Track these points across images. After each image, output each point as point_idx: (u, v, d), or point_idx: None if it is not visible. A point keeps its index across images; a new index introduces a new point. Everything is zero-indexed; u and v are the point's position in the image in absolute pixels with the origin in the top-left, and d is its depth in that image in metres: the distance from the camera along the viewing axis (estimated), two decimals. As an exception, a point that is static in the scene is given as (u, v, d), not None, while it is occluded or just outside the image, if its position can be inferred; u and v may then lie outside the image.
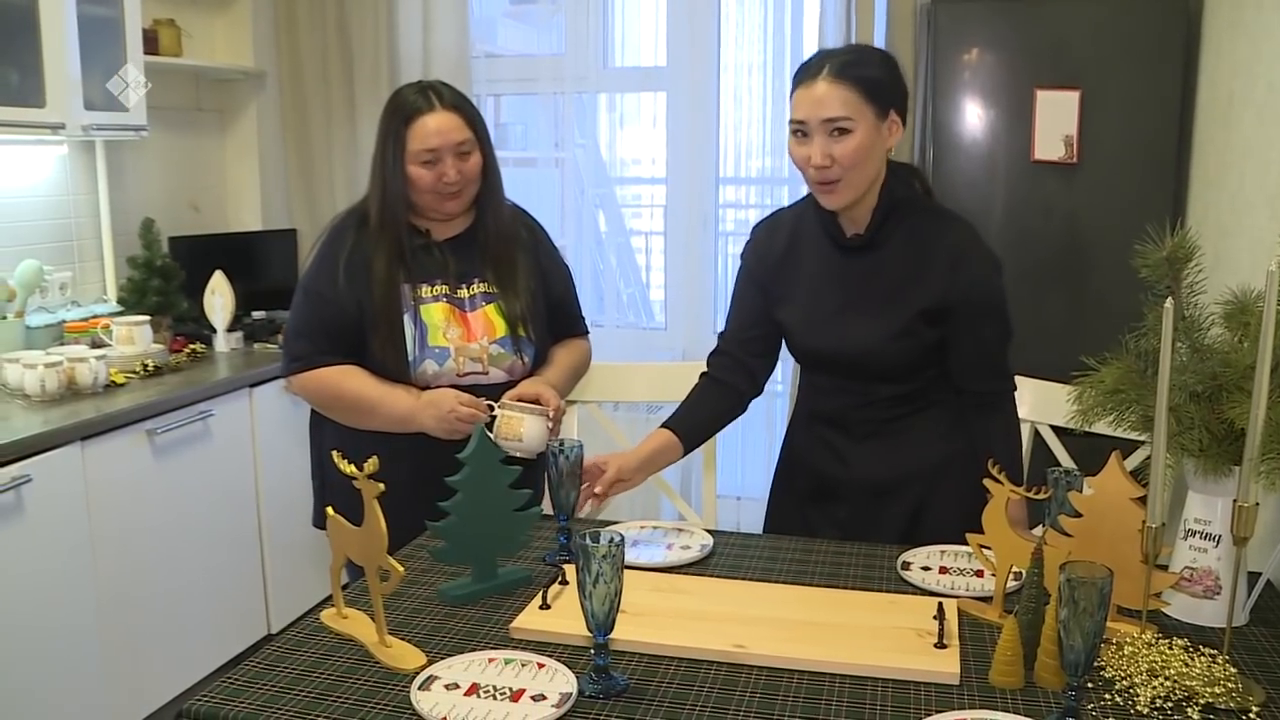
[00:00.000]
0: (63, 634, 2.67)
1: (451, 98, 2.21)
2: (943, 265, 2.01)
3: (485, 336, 2.23)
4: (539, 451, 2.11)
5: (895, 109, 1.98)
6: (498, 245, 2.28)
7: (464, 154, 2.20)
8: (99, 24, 3.14)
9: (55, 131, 3.02)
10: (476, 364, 2.21)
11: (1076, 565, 1.35)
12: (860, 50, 2.06)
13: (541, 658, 1.56)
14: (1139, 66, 3.20)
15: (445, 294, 2.24)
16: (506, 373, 2.24)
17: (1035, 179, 3.31)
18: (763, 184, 4.08)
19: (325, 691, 1.51)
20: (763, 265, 2.20)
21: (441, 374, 2.19)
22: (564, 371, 2.35)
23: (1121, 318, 1.82)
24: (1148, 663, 1.46)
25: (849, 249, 2.08)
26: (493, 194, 2.28)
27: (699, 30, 3.87)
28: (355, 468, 1.58)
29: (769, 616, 1.70)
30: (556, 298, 2.38)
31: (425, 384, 2.19)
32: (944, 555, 1.98)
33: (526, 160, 4.61)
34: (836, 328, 2.08)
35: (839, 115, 1.93)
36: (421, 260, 2.24)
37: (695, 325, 4.02)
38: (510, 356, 2.24)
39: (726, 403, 2.24)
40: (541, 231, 2.42)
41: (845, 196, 2.00)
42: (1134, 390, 1.71)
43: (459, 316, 2.23)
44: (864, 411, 2.13)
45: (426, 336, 2.20)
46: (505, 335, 2.24)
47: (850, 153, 1.94)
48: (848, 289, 2.08)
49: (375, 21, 3.99)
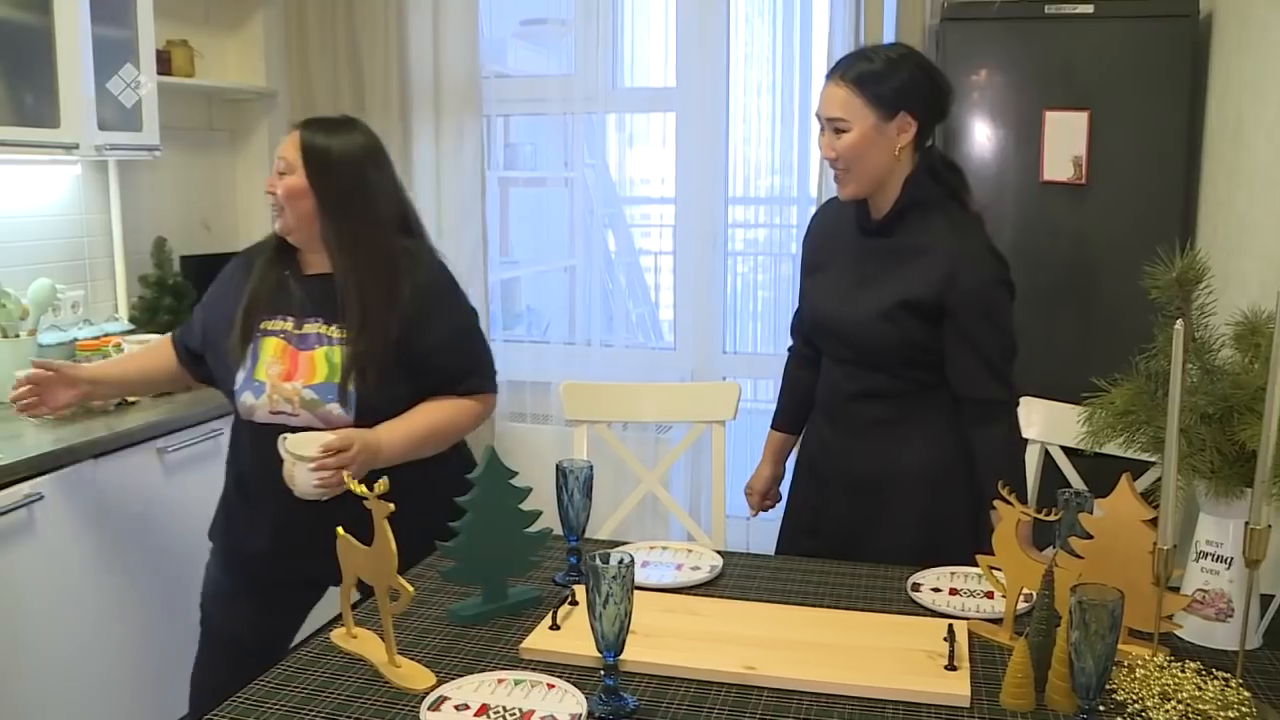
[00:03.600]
0: (74, 651, 2.67)
1: (309, 122, 2.23)
2: (942, 265, 2.09)
3: (302, 379, 2.17)
4: (315, 498, 2.05)
5: (909, 110, 2.09)
6: (347, 291, 2.16)
7: (281, 173, 2.19)
8: (113, 44, 3.16)
9: (69, 151, 3.04)
10: (287, 404, 2.17)
11: (1088, 587, 1.35)
12: (885, 57, 2.10)
13: (551, 678, 1.56)
14: (1148, 87, 3.20)
15: (287, 330, 2.22)
16: (320, 419, 2.15)
17: (1044, 199, 3.31)
18: (772, 204, 4.08)
19: (335, 711, 1.51)
20: (812, 239, 2.37)
21: (256, 407, 2.19)
22: (407, 429, 2.16)
23: (1131, 338, 1.82)
24: (1160, 686, 1.46)
25: (868, 232, 2.20)
26: (338, 238, 2.18)
27: (708, 51, 3.89)
28: (366, 487, 1.58)
29: (779, 638, 1.70)
30: (424, 352, 2.19)
31: (244, 415, 2.22)
32: (954, 577, 1.97)
33: (536, 180, 4.62)
34: (843, 300, 2.20)
35: (836, 115, 2.10)
36: (284, 291, 2.24)
37: (704, 345, 4.03)
38: (324, 404, 2.15)
39: (812, 373, 2.39)
40: (438, 281, 2.26)
41: (851, 187, 2.15)
42: (1144, 411, 1.70)
43: (290, 354, 2.20)
44: (854, 404, 2.23)
45: (255, 368, 2.20)
46: (325, 381, 2.15)
47: (846, 149, 2.09)
48: (861, 268, 2.20)
49: (386, 42, 4.01)
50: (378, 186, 2.22)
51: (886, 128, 2.08)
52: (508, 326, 4.48)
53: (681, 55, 3.95)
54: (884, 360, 2.17)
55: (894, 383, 2.18)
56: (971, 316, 2.08)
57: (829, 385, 2.30)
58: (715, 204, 3.96)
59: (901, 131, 2.09)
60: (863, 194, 2.16)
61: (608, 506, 2.59)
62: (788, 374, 2.50)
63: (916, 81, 2.09)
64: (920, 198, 2.14)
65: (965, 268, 2.08)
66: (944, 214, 2.14)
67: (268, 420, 2.17)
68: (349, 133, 2.23)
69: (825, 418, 2.31)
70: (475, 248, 4.04)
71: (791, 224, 3.96)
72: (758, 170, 4.02)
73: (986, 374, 2.11)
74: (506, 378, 4.15)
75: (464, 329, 2.31)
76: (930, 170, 2.16)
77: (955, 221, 2.14)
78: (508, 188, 4.65)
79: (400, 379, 2.18)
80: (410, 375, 2.19)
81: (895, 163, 2.11)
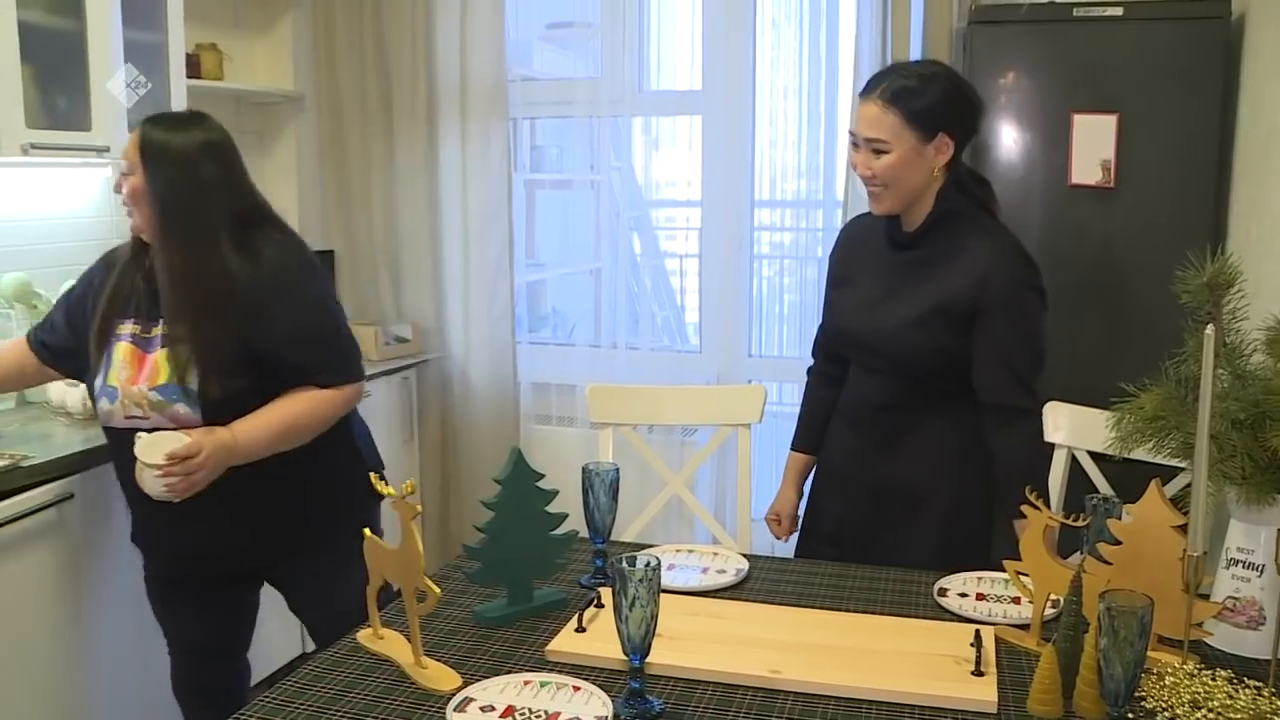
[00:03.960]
0: (104, 652, 2.69)
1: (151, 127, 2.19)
2: (975, 269, 2.10)
3: (147, 381, 2.16)
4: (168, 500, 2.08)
5: (947, 131, 2.09)
6: (180, 289, 2.16)
7: (125, 173, 2.20)
8: (144, 49, 3.19)
9: (100, 154, 3.06)
10: (137, 408, 2.16)
11: (1117, 594, 1.34)
12: (923, 75, 2.10)
13: (577, 680, 1.56)
14: (1178, 90, 3.17)
15: (135, 333, 2.21)
16: (169, 420, 2.15)
17: (1072, 203, 3.29)
18: (798, 207, 4.07)
19: (362, 712, 1.51)
20: (841, 253, 2.37)
21: (112, 412, 2.19)
22: (259, 425, 2.15)
23: (1160, 343, 1.80)
24: (1190, 694, 1.45)
25: (899, 245, 2.21)
26: (164, 235, 2.17)
27: (734, 53, 3.88)
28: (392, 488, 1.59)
29: (804, 642, 1.70)
30: (268, 348, 2.17)
31: (104, 421, 2.22)
32: (980, 582, 1.96)
33: (562, 183, 4.62)
34: (872, 312, 2.20)
35: (877, 137, 2.09)
36: (134, 291, 2.24)
37: (730, 348, 4.02)
38: (170, 404, 2.14)
39: (833, 391, 2.39)
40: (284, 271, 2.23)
41: (887, 204, 2.15)
42: (1174, 417, 1.69)
43: (137, 357, 2.19)
44: (883, 414, 2.22)
45: (108, 374, 2.20)
46: (169, 382, 2.14)
47: (885, 170, 2.10)
48: (890, 280, 2.20)
49: (413, 45, 4.03)
50: (213, 182, 2.19)
51: (925, 149, 2.09)
52: (533, 329, 4.49)
53: (707, 58, 3.95)
54: (916, 369, 2.16)
55: (925, 393, 2.18)
56: (1001, 319, 2.08)
57: (857, 395, 2.29)
58: (741, 207, 3.96)
59: (940, 152, 2.11)
60: (897, 210, 2.17)
61: (632, 509, 2.59)
62: (809, 394, 2.49)
63: (954, 102, 2.11)
64: (951, 210, 2.15)
65: (997, 271, 2.08)
66: (976, 223, 2.16)
67: (124, 425, 2.18)
68: (191, 129, 2.20)
69: (850, 427, 2.31)
70: (501, 250, 4.06)
71: (817, 227, 3.95)
72: (784, 173, 4.01)
73: (1011, 380, 2.10)
74: (532, 380, 4.21)
75: (311, 323, 2.27)
76: (958, 182, 2.17)
77: (987, 229, 2.16)
78: (534, 190, 4.66)
79: (246, 374, 2.17)
80: (258, 370, 2.18)
81: (932, 180, 2.13)
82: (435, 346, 4.19)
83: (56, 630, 2.57)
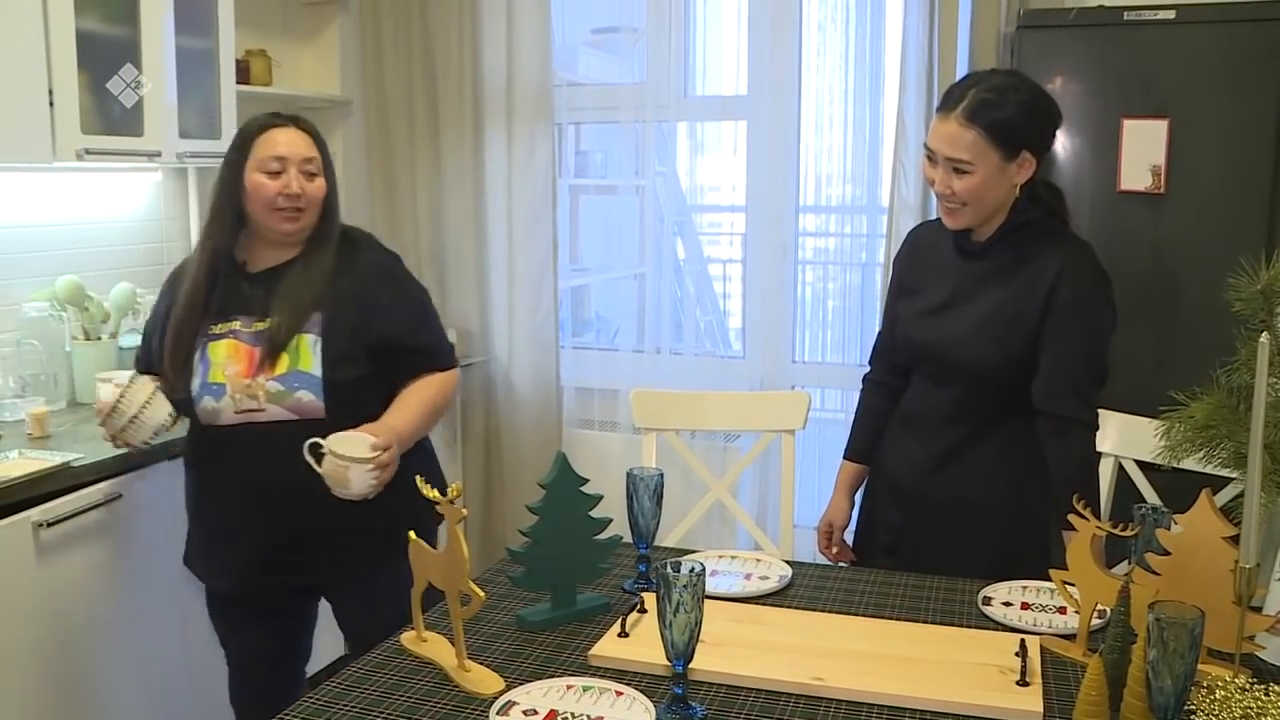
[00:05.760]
0: (153, 650, 2.72)
1: (305, 123, 2.28)
2: (1047, 275, 2.07)
3: (263, 374, 2.17)
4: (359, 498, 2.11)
5: (1029, 148, 2.06)
6: (308, 280, 2.22)
7: (310, 174, 2.22)
8: (195, 55, 3.23)
9: (152, 159, 3.11)
10: (252, 400, 2.17)
11: (1166, 605, 1.32)
12: (1003, 89, 2.05)
13: (620, 686, 1.57)
14: (1231, 94, 3.13)
15: (237, 329, 2.21)
16: (289, 410, 2.17)
17: (1121, 209, 3.25)
18: (843, 213, 4.05)
19: (404, 714, 1.52)
20: (907, 263, 2.33)
21: (220, 410, 2.18)
22: (412, 413, 2.25)
23: (1210, 351, 1.78)
24: (1241, 709, 1.42)
25: (968, 254, 2.18)
26: (329, 231, 2.28)
27: (780, 58, 3.87)
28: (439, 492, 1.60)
29: (848, 649, 1.69)
30: (391, 335, 2.26)
31: (208, 420, 2.21)
32: (1026, 591, 1.95)
33: (607, 188, 4.63)
34: (941, 323, 2.17)
35: (960, 158, 2.04)
36: (229, 292, 2.24)
37: (773, 354, 4.01)
38: (292, 393, 2.16)
39: (890, 402, 2.36)
40: (390, 265, 2.36)
41: (964, 220, 2.12)
42: (1225, 426, 1.67)
43: (245, 351, 2.19)
44: (950, 425, 2.18)
45: (208, 373, 2.19)
46: (290, 371, 2.17)
47: (968, 190, 2.05)
48: (959, 290, 2.18)
49: (460, 51, 4.05)
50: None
51: (1008, 167, 2.06)
52: (577, 333, 4.50)
53: (753, 63, 3.94)
54: (987, 381, 2.13)
55: (992, 405, 2.15)
56: (1067, 326, 2.05)
57: (922, 406, 2.25)
58: (786, 212, 3.94)
59: (1022, 169, 2.07)
60: (974, 225, 2.14)
61: (675, 515, 2.58)
62: (865, 403, 2.44)
63: (1036, 116, 2.07)
64: (1024, 220, 2.12)
65: (1068, 278, 2.06)
66: (1048, 232, 2.13)
67: (234, 421, 2.19)
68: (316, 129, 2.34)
69: (913, 437, 2.26)
70: (546, 255, 4.06)
71: (862, 233, 3.93)
72: (829, 179, 4.00)
73: (1070, 389, 2.07)
74: (575, 384, 4.22)
75: (424, 309, 2.39)
76: (1031, 193, 2.13)
77: (1060, 238, 2.13)
78: (578, 195, 4.67)
79: (368, 362, 2.22)
80: (376, 358, 2.24)
81: (1011, 196, 2.10)
82: (479, 350, 4.20)
83: (104, 628, 2.60)
